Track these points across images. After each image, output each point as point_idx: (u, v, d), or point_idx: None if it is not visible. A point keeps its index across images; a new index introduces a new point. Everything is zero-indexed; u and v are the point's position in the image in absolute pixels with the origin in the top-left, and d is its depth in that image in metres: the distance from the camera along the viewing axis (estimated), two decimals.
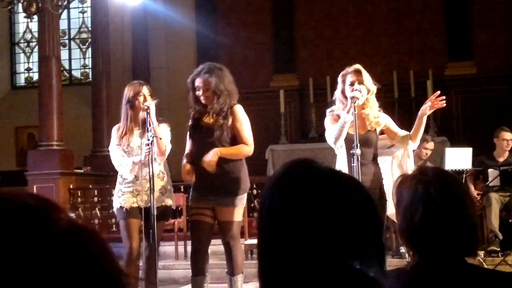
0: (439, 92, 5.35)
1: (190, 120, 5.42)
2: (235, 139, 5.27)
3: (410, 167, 5.31)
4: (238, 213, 5.32)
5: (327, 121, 5.32)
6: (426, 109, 5.21)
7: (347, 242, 1.05)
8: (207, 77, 5.23)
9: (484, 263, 7.20)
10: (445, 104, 5.24)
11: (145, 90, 5.53)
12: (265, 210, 1.11)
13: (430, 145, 8.31)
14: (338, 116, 5.20)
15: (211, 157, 5.12)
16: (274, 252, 1.07)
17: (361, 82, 5.14)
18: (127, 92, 5.55)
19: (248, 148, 5.28)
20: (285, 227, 1.06)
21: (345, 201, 1.07)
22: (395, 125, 5.41)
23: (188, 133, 5.44)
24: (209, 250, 5.45)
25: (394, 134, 5.33)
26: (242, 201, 5.33)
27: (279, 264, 1.06)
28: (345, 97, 5.18)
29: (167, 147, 5.50)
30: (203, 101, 5.26)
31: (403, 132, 5.35)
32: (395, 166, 5.49)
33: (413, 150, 5.53)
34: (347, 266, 1.04)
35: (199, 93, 5.25)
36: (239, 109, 5.32)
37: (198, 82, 5.26)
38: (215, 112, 5.23)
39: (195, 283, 5.30)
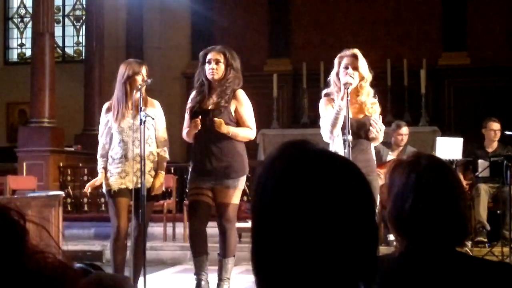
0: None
1: (190, 102, 5.39)
2: (238, 124, 5.29)
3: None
4: (236, 196, 5.31)
5: (322, 105, 5.24)
6: None
7: (341, 224, 1.04)
8: (222, 50, 5.28)
9: (471, 253, 7.23)
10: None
11: (144, 70, 5.47)
12: (259, 191, 1.09)
13: (404, 130, 8.35)
14: (333, 100, 5.14)
15: (223, 127, 5.13)
16: (268, 235, 1.06)
17: (355, 68, 5.07)
18: (125, 70, 5.44)
19: (252, 132, 5.35)
20: (279, 209, 1.05)
21: (340, 182, 1.06)
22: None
23: (187, 113, 5.40)
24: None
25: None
26: (241, 183, 5.33)
27: (272, 247, 1.05)
28: (339, 79, 5.10)
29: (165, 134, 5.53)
30: (211, 76, 5.24)
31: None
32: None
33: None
34: (340, 249, 1.04)
35: (211, 66, 5.23)
36: (242, 94, 5.35)
37: (212, 55, 5.26)
38: (220, 91, 5.22)
39: (198, 263, 5.27)
